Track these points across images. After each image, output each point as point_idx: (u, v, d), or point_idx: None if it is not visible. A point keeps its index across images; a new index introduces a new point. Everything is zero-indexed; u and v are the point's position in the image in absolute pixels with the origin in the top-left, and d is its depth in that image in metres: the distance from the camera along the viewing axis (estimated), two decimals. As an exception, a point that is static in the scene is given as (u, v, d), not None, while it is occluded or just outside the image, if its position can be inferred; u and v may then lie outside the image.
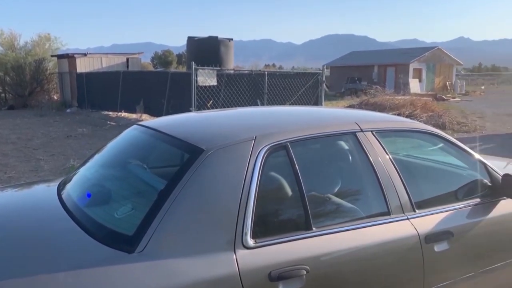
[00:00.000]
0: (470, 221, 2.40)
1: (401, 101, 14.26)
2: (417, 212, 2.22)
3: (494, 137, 11.07)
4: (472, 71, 72.77)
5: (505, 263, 2.52)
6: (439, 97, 24.33)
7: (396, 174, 2.25)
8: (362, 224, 2.07)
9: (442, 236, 2.21)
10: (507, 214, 2.52)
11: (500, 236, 2.52)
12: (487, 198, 2.52)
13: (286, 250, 1.81)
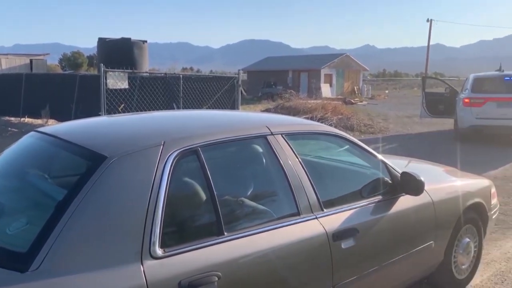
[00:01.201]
0: (374, 217, 2.55)
1: (314, 105, 14.88)
2: (325, 211, 2.30)
3: (396, 137, 12.00)
4: (377, 76, 78.38)
5: (406, 255, 2.71)
6: (348, 101, 25.82)
7: (305, 175, 2.32)
8: (273, 225, 2.10)
9: (348, 233, 2.31)
10: (406, 209, 2.72)
11: (401, 229, 2.71)
12: (388, 195, 2.70)
13: (197, 258, 1.77)
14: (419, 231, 2.84)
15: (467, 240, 3.29)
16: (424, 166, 4.00)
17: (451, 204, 3.12)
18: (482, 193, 3.50)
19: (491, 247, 4.11)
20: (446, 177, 3.71)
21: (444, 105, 12.23)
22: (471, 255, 3.37)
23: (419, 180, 2.61)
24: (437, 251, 2.99)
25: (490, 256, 3.90)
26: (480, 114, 10.01)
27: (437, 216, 2.92)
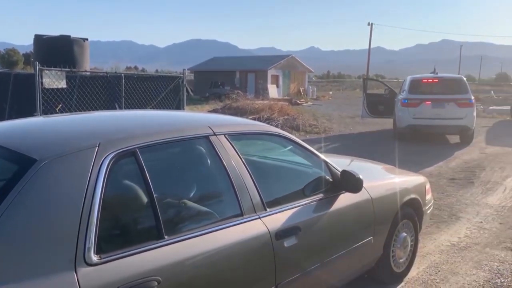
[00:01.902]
0: (315, 215, 2.60)
1: (261, 106, 15.00)
2: (268, 211, 2.31)
3: (339, 137, 12.37)
4: (322, 78, 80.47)
5: (347, 251, 2.79)
6: (294, 101, 26.29)
7: (248, 175, 2.31)
8: (216, 227, 2.07)
9: (290, 231, 2.34)
10: (346, 207, 2.80)
11: (341, 226, 2.78)
12: (329, 193, 2.76)
13: (135, 263, 1.71)
14: (359, 227, 2.93)
15: (404, 234, 3.45)
16: (363, 164, 4.15)
17: (389, 201, 3.25)
18: (417, 190, 3.68)
19: (426, 240, 4.34)
20: (384, 174, 3.87)
21: (383, 106, 12.79)
22: (408, 249, 3.53)
23: (358, 178, 2.69)
24: (376, 246, 3.10)
25: (426, 249, 4.11)
26: (417, 114, 10.55)
27: (375, 212, 3.03)
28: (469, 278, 3.51)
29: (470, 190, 6.39)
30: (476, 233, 4.58)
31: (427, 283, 3.41)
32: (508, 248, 4.15)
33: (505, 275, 3.55)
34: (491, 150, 9.93)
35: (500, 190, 6.35)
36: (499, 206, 5.58)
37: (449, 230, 4.67)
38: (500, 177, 7.22)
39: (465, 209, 5.46)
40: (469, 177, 7.17)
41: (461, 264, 3.79)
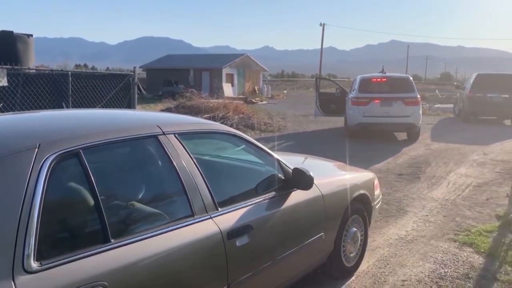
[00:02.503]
0: (267, 213, 2.61)
1: (215, 104, 14.92)
2: (219, 211, 2.30)
3: (293, 135, 12.54)
4: (276, 77, 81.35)
5: (299, 247, 2.83)
6: (249, 100, 26.38)
7: (199, 175, 2.29)
8: (165, 228, 2.03)
9: (242, 230, 2.34)
10: (297, 204, 2.84)
11: (293, 223, 2.81)
12: (281, 191, 2.78)
13: (79, 268, 1.64)
14: (310, 224, 2.98)
15: (355, 229, 3.54)
16: (315, 162, 4.22)
17: (339, 197, 3.33)
18: (366, 185, 3.79)
19: (375, 234, 4.48)
20: (335, 171, 3.96)
21: (335, 104, 13.10)
22: (358, 243, 3.63)
23: (309, 175, 2.74)
24: (327, 241, 3.16)
25: (375, 243, 4.24)
26: (366, 112, 10.89)
27: (326, 209, 3.09)
28: (416, 269, 3.66)
29: (417, 185, 6.67)
30: (422, 226, 4.79)
31: (377, 276, 3.53)
32: (451, 240, 4.36)
33: (448, 265, 3.74)
34: (436, 146, 10.41)
35: (444, 185, 6.68)
36: (443, 199, 5.86)
37: (397, 224, 4.85)
38: (444, 172, 7.59)
39: (412, 203, 5.69)
40: (416, 173, 7.48)
41: (408, 256, 3.95)
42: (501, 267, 3.68)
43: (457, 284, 3.37)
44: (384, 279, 3.48)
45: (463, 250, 4.08)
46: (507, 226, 4.65)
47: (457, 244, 4.24)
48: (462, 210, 5.37)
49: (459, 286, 3.33)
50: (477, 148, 10.03)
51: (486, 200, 5.81)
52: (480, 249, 4.07)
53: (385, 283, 3.41)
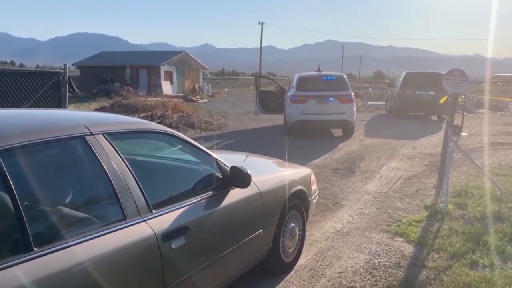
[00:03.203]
0: (204, 213, 2.57)
1: (154, 103, 14.57)
2: (154, 213, 2.22)
3: (234, 133, 12.55)
4: (217, 75, 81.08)
5: (238, 246, 2.82)
6: (189, 98, 26.04)
7: (131, 177, 2.20)
8: (95, 233, 1.93)
9: (178, 232, 2.28)
10: (235, 202, 2.82)
11: (231, 222, 2.80)
12: (219, 190, 2.76)
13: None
14: (249, 222, 2.98)
15: (293, 225, 3.60)
16: (254, 159, 4.24)
17: (277, 193, 3.36)
18: (303, 181, 3.87)
19: (313, 228, 4.59)
20: (273, 168, 4.00)
21: (275, 102, 13.28)
22: (297, 238, 3.70)
23: (246, 173, 2.73)
24: (266, 238, 3.18)
25: (313, 237, 4.34)
26: (304, 110, 11.15)
27: (264, 206, 3.11)
28: (351, 261, 3.79)
29: (352, 179, 6.92)
30: (357, 219, 4.97)
31: (314, 270, 3.61)
32: (384, 231, 4.57)
33: (381, 256, 3.91)
34: (369, 141, 10.88)
35: (377, 178, 6.99)
36: (376, 192, 6.13)
37: (333, 218, 5.00)
38: (377, 166, 7.95)
39: (347, 196, 5.89)
40: (351, 167, 7.77)
41: (344, 248, 4.08)
42: (429, 254, 3.91)
43: (389, 273, 3.53)
44: (322, 272, 3.57)
45: (395, 240, 4.28)
46: (434, 215, 4.96)
47: (389, 234, 4.45)
48: (394, 202, 5.65)
49: (391, 275, 3.49)
50: (407, 142, 10.62)
51: (415, 192, 6.16)
52: (410, 238, 4.30)
53: (322, 276, 3.50)
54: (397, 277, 3.45)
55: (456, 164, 7.67)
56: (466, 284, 3.26)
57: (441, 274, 3.46)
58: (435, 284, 3.28)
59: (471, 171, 6.97)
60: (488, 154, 8.97)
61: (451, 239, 4.18)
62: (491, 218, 4.75)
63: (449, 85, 5.24)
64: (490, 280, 3.31)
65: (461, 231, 4.36)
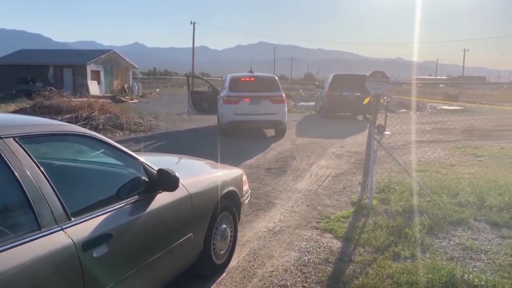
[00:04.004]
0: (130, 219, 2.46)
1: (79, 103, 13.83)
2: (72, 221, 2.08)
3: (166, 135, 12.28)
4: (148, 74, 78.97)
5: (167, 251, 2.73)
6: (118, 99, 25.09)
7: (46, 183, 2.04)
8: (6, 245, 1.76)
9: (100, 240, 2.16)
10: (163, 206, 2.73)
11: (159, 227, 2.70)
12: (145, 194, 2.65)
13: None
14: (178, 225, 2.91)
15: (224, 226, 3.57)
16: (184, 161, 4.15)
17: (208, 195, 3.32)
18: (235, 182, 3.85)
19: (246, 229, 4.59)
20: (204, 170, 3.94)
21: (208, 103, 13.19)
22: (228, 239, 3.67)
23: (174, 176, 2.66)
24: (196, 241, 3.12)
25: (245, 238, 4.35)
26: (237, 110, 11.18)
27: (194, 208, 3.05)
28: (282, 259, 3.84)
29: (284, 178, 7.05)
30: (288, 217, 5.06)
31: (246, 270, 3.61)
32: (313, 227, 4.69)
33: (311, 252, 4.00)
34: (300, 141, 11.16)
35: (307, 176, 7.18)
36: (307, 190, 6.29)
37: (266, 217, 5.04)
38: (307, 164, 8.17)
39: (279, 195, 5.98)
40: (283, 167, 7.91)
41: (276, 247, 4.13)
42: (356, 249, 4.07)
43: (319, 269, 3.62)
44: (254, 272, 3.58)
45: (324, 237, 4.41)
46: (360, 211, 5.18)
47: (318, 231, 4.58)
48: (323, 199, 5.82)
49: (320, 271, 3.58)
50: (335, 141, 11.03)
51: (343, 189, 6.40)
52: (338, 234, 4.45)
53: (254, 276, 3.51)
54: (326, 272, 3.55)
55: (380, 162, 8.10)
56: (389, 276, 3.43)
57: (366, 268, 3.62)
58: (361, 278, 3.42)
59: (394, 167, 7.38)
60: (409, 151, 9.58)
61: (376, 233, 4.38)
62: (411, 211, 5.06)
63: (372, 86, 5.51)
64: (410, 270, 3.51)
65: (384, 225, 4.59)
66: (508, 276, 3.43)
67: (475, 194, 5.60)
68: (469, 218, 4.83)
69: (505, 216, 4.84)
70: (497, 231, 4.51)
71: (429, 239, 4.26)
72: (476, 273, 3.49)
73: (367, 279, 3.37)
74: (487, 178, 6.58)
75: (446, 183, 6.22)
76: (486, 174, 6.91)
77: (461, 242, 4.21)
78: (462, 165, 7.89)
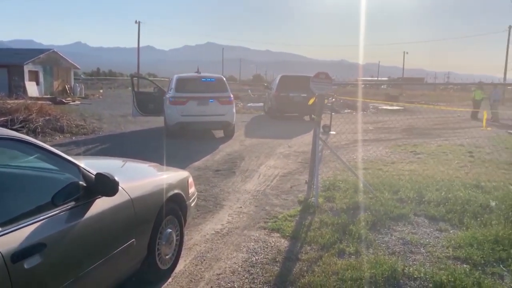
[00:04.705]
0: (66, 226, 2.33)
1: (15, 105, 13.04)
2: (1, 230, 1.93)
3: (110, 137, 11.85)
4: (91, 75, 75.98)
5: (107, 258, 2.61)
6: (59, 100, 23.94)
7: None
8: None
9: (32, 250, 2.02)
10: (102, 212, 2.61)
11: (98, 234, 2.58)
12: (82, 200, 2.52)
13: None
14: (119, 232, 2.79)
15: (169, 230, 3.48)
16: (127, 164, 4.02)
17: (151, 199, 3.22)
18: (180, 185, 3.77)
19: (193, 232, 4.52)
20: (148, 173, 3.83)
21: (154, 104, 12.89)
22: (174, 244, 3.58)
23: (113, 180, 2.54)
24: (140, 247, 3.02)
25: (192, 241, 4.27)
26: (184, 111, 11.01)
27: (137, 213, 2.94)
28: (230, 261, 3.81)
29: (232, 179, 7.02)
30: (236, 218, 5.03)
31: (193, 274, 3.54)
32: (261, 228, 4.70)
33: (259, 253, 4.00)
34: (249, 142, 11.18)
35: (256, 177, 7.19)
36: (255, 191, 6.30)
37: (214, 219, 4.99)
38: (256, 165, 8.19)
39: (228, 197, 5.95)
40: (232, 168, 7.88)
41: (223, 249, 4.09)
42: (302, 247, 4.12)
43: (266, 269, 3.62)
44: (201, 275, 3.52)
45: (272, 236, 4.43)
46: (307, 209, 5.26)
47: (266, 231, 4.59)
48: (271, 199, 5.86)
49: (268, 271, 3.59)
50: (283, 142, 11.16)
51: (290, 188, 6.47)
52: (285, 233, 4.48)
53: (201, 279, 3.45)
54: (273, 272, 3.56)
55: (326, 160, 8.30)
56: (334, 273, 3.50)
57: (312, 265, 3.67)
58: (307, 276, 3.46)
59: (339, 166, 7.58)
60: (353, 150, 9.89)
61: (322, 231, 4.46)
62: (355, 208, 5.21)
63: (316, 87, 5.62)
64: (355, 266, 3.60)
65: (330, 223, 4.68)
66: (444, 268, 3.60)
67: (414, 190, 5.87)
68: (409, 213, 5.04)
69: (441, 210, 5.10)
70: (434, 225, 4.74)
71: (372, 235, 4.39)
72: (416, 266, 3.64)
73: (313, 277, 3.42)
74: (425, 174, 6.92)
75: (387, 180, 6.47)
76: (425, 171, 7.27)
77: (402, 236, 4.39)
78: (402, 162, 8.25)
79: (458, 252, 3.94)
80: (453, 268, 3.58)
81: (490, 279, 3.42)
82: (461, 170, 7.53)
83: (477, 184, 6.27)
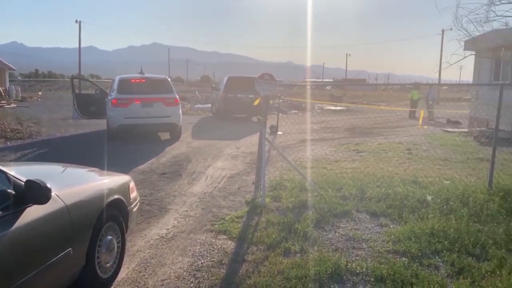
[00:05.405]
0: (-10, 238, 2.16)
1: None
2: None
3: (48, 141, 11.27)
4: (29, 76, 72.00)
5: (40, 270, 2.45)
6: (-8, 103, 22.46)
7: None
8: None
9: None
10: (34, 221, 2.46)
11: (28, 244, 2.42)
12: (11, 209, 2.36)
13: None
14: (53, 241, 2.64)
15: (110, 237, 3.35)
16: (63, 170, 3.82)
17: (89, 206, 3.08)
18: (121, 190, 3.64)
19: (136, 238, 4.38)
20: (86, 178, 3.66)
21: (95, 106, 12.42)
22: (115, 251, 3.45)
23: (44, 186, 2.40)
24: (77, 256, 2.88)
25: (136, 247, 4.14)
26: (128, 113, 10.69)
27: (73, 221, 2.80)
28: (175, 266, 3.72)
29: (178, 182, 6.89)
30: (182, 222, 4.94)
31: (136, 281, 3.43)
32: (208, 230, 4.64)
33: (205, 256, 3.94)
34: (196, 143, 11.05)
35: (203, 179, 7.11)
36: (202, 193, 6.22)
37: (158, 224, 4.86)
38: (203, 167, 8.11)
39: (173, 200, 5.83)
40: (178, 170, 7.74)
41: (168, 254, 3.99)
42: (249, 248, 4.11)
43: (212, 273, 3.57)
44: (144, 282, 3.41)
45: (218, 239, 4.39)
46: (254, 210, 5.26)
47: (213, 233, 4.54)
48: (218, 201, 5.81)
49: (214, 274, 3.54)
50: (231, 143, 11.14)
51: (238, 189, 6.46)
52: (232, 234, 4.46)
53: (144, 286, 3.34)
54: (219, 275, 3.53)
55: (273, 161, 8.38)
56: (280, 272, 3.52)
57: (259, 266, 3.67)
58: (253, 277, 3.45)
59: (285, 166, 7.67)
60: (299, 149, 10.06)
61: (268, 231, 4.48)
62: (301, 207, 5.29)
63: (261, 88, 5.65)
64: (300, 264, 3.64)
65: (276, 222, 4.72)
66: (385, 262, 3.74)
67: (356, 187, 6.06)
68: (352, 209, 5.19)
69: (382, 206, 5.30)
70: (376, 220, 4.92)
71: (317, 233, 4.48)
72: (358, 262, 3.75)
73: (259, 278, 3.42)
74: (367, 172, 7.17)
75: (331, 178, 6.63)
76: (366, 168, 7.53)
77: (345, 233, 4.50)
78: (345, 161, 8.50)
79: (397, 246, 4.10)
80: (393, 261, 3.72)
81: (426, 271, 3.59)
82: (400, 167, 7.87)
83: (415, 180, 6.57)
